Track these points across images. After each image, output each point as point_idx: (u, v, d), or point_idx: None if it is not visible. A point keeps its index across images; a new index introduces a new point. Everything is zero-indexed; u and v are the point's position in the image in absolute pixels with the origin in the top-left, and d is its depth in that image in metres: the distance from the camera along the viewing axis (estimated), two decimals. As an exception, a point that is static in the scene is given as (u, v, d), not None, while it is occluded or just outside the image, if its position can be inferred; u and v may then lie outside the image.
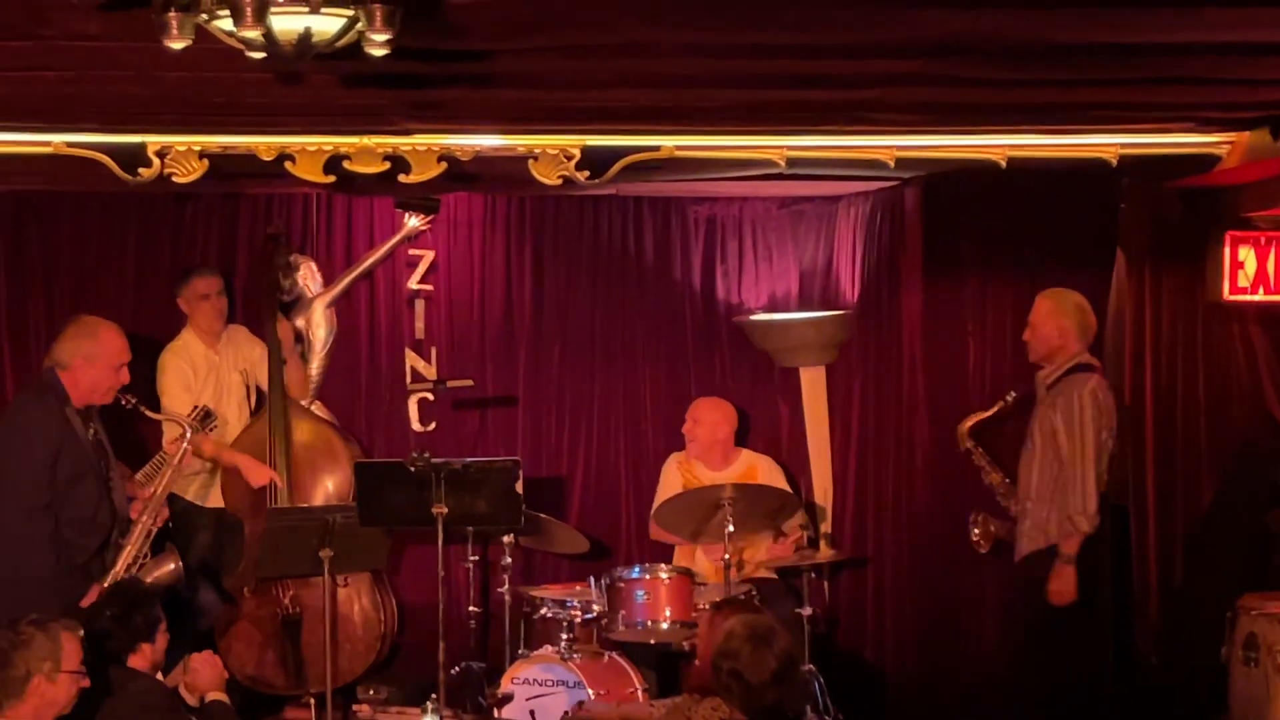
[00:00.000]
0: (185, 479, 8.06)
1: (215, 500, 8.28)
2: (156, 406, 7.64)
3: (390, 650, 8.45)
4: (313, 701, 7.76)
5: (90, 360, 6.97)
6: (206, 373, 8.27)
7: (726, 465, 8.47)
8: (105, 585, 6.79)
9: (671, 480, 8.48)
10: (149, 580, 6.96)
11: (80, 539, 6.87)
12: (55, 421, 6.85)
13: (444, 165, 6.62)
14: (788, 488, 8.46)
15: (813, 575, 8.21)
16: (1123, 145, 6.95)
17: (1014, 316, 8.09)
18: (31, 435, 6.85)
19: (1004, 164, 6.87)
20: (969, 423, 7.83)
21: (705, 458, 8.50)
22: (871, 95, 6.18)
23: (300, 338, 8.63)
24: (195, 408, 7.76)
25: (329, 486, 8.25)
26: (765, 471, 8.48)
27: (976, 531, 7.78)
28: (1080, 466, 7.19)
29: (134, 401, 7.23)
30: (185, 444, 7.38)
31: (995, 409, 7.77)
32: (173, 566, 7.17)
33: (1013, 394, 7.67)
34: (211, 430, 7.88)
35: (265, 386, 8.36)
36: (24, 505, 6.78)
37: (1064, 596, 7.21)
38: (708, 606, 7.43)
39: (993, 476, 7.77)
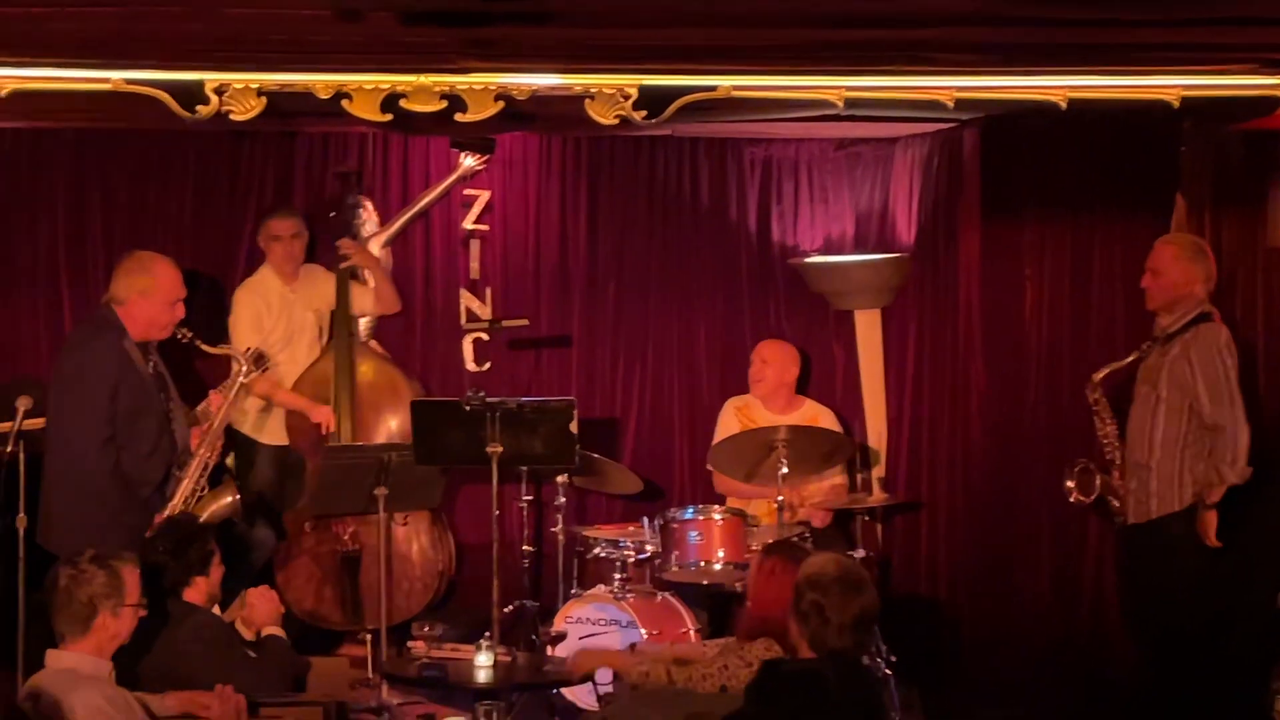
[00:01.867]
0: (243, 412, 8.13)
1: (278, 436, 8.33)
2: (213, 341, 7.68)
3: (447, 589, 8.50)
4: (369, 638, 7.81)
5: (146, 295, 7.01)
6: (280, 310, 8.33)
7: (791, 410, 8.46)
8: (163, 518, 6.84)
9: (729, 425, 8.47)
10: (206, 513, 7.02)
11: (142, 472, 6.93)
12: (114, 355, 6.90)
13: (501, 104, 6.58)
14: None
15: (866, 518, 8.23)
16: (1185, 87, 6.84)
17: (1072, 260, 8.06)
18: (91, 369, 6.89)
19: (1064, 105, 6.79)
20: (1104, 372, 7.44)
21: (770, 400, 8.49)
22: (931, 35, 6.12)
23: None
24: (248, 349, 7.80)
25: (391, 426, 8.26)
26: (827, 424, 8.47)
27: (1071, 484, 7.45)
28: (1232, 423, 6.99)
29: (190, 336, 7.26)
30: (240, 377, 7.42)
31: (1131, 358, 7.40)
32: (230, 499, 7.22)
33: (1148, 344, 7.31)
34: (265, 372, 7.92)
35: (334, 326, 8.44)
36: (87, 440, 6.83)
37: (1209, 539, 7.09)
38: (760, 547, 7.45)
39: (1109, 429, 7.44)
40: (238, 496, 7.28)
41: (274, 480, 8.34)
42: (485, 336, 8.96)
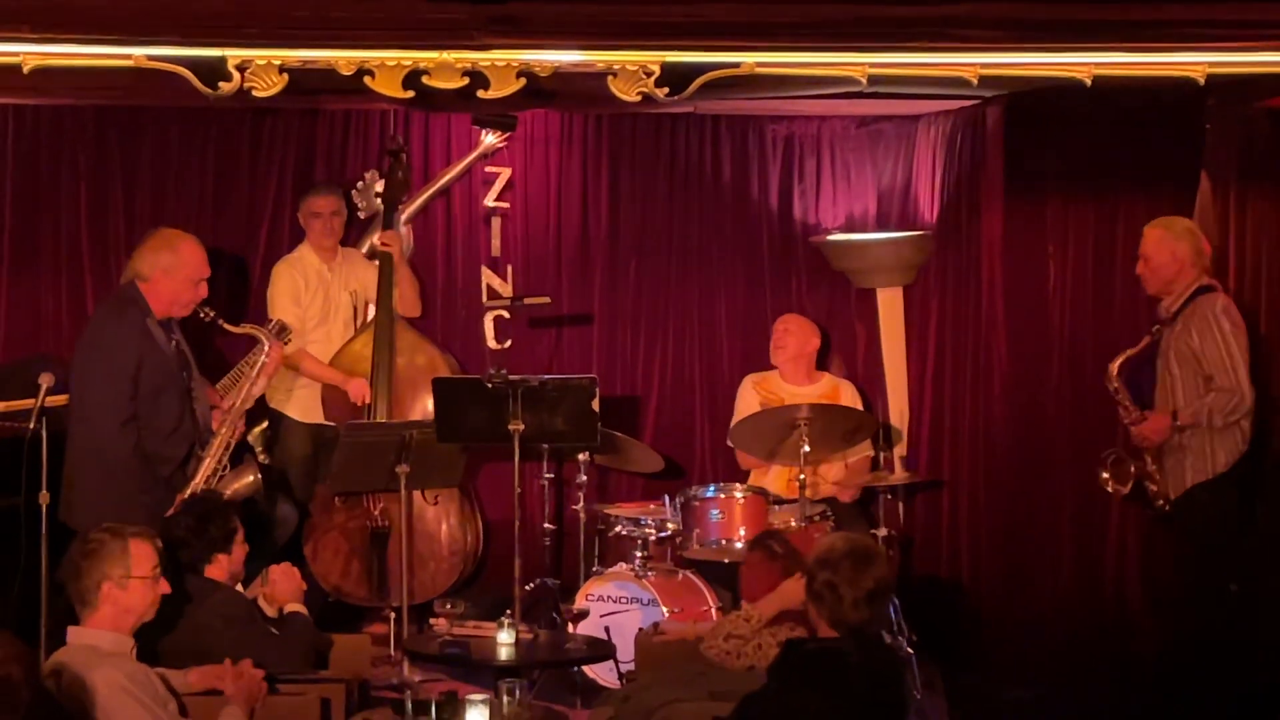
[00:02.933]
0: (274, 387, 8.14)
1: (309, 413, 8.35)
2: (235, 320, 7.68)
3: (475, 569, 8.51)
4: (393, 616, 7.83)
5: (169, 273, 7.01)
6: (317, 287, 8.37)
7: (810, 383, 8.47)
8: (185, 496, 6.85)
9: (749, 401, 8.47)
10: (228, 492, 7.01)
11: (164, 450, 6.93)
12: (136, 333, 6.89)
13: (523, 81, 6.58)
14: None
15: (888, 497, 8.22)
16: (1210, 64, 6.81)
17: (1095, 238, 8.02)
18: (114, 348, 6.89)
19: (1089, 82, 6.77)
20: (1119, 360, 7.39)
21: (790, 369, 8.50)
22: (956, 11, 6.11)
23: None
24: (270, 321, 7.81)
25: (428, 405, 8.22)
26: (848, 397, 8.47)
27: (1106, 475, 7.38)
28: (1232, 376, 7.06)
29: (212, 315, 7.25)
30: (263, 356, 7.43)
31: (1143, 344, 7.39)
32: (251, 479, 7.22)
33: (1157, 327, 7.33)
34: (286, 343, 7.92)
35: (375, 305, 8.44)
36: (109, 419, 6.83)
37: (1146, 437, 7.25)
38: (781, 525, 7.45)
39: (1134, 415, 7.35)
40: (259, 476, 7.28)
41: (307, 455, 8.35)
42: (506, 314, 8.96)
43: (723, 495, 7.70)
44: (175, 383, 6.99)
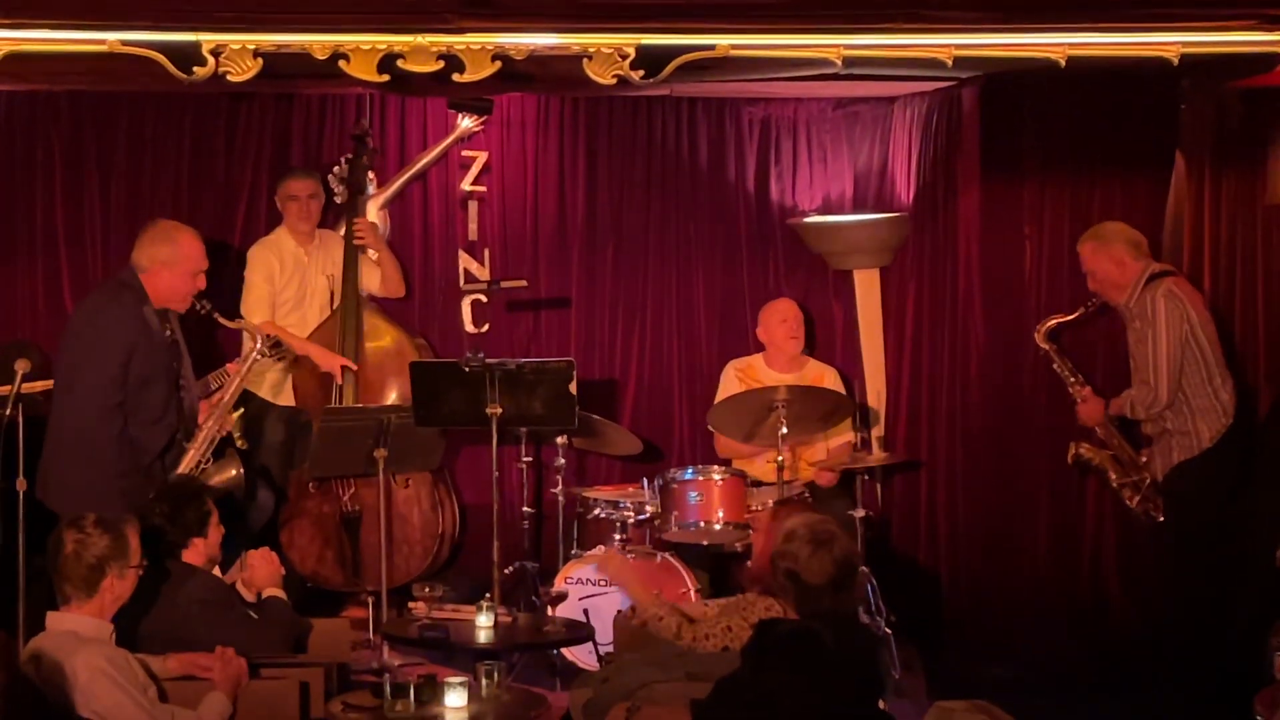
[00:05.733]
0: (260, 376, 8.12)
1: (288, 398, 8.34)
2: (227, 312, 7.64)
3: (451, 552, 8.51)
4: (370, 600, 7.84)
5: (168, 265, 6.99)
6: (293, 270, 8.36)
7: (796, 369, 8.47)
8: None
9: (730, 388, 8.46)
10: (210, 485, 7.00)
11: (147, 439, 6.91)
12: (132, 320, 6.87)
13: (498, 64, 6.57)
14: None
15: (865, 478, 8.23)
16: (1184, 44, 6.84)
17: (1071, 219, 8.03)
18: (108, 334, 6.86)
19: (1064, 63, 6.79)
20: (1047, 324, 7.74)
21: (777, 360, 8.47)
22: (931, -8, 6.12)
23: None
24: (267, 336, 7.78)
25: (397, 390, 8.24)
26: (831, 384, 8.47)
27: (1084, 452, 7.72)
28: (1152, 372, 7.26)
29: (208, 308, 7.21)
30: (254, 353, 7.41)
31: (1076, 314, 7.67)
32: (234, 473, 7.24)
33: (1094, 301, 7.56)
34: (280, 360, 7.93)
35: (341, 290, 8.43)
36: (97, 404, 6.80)
37: (1081, 418, 7.62)
38: (760, 507, 7.46)
39: (1077, 389, 7.70)
40: (241, 470, 7.29)
41: (282, 440, 8.35)
42: (484, 298, 8.94)
43: (701, 477, 7.71)
44: (165, 372, 6.97)
